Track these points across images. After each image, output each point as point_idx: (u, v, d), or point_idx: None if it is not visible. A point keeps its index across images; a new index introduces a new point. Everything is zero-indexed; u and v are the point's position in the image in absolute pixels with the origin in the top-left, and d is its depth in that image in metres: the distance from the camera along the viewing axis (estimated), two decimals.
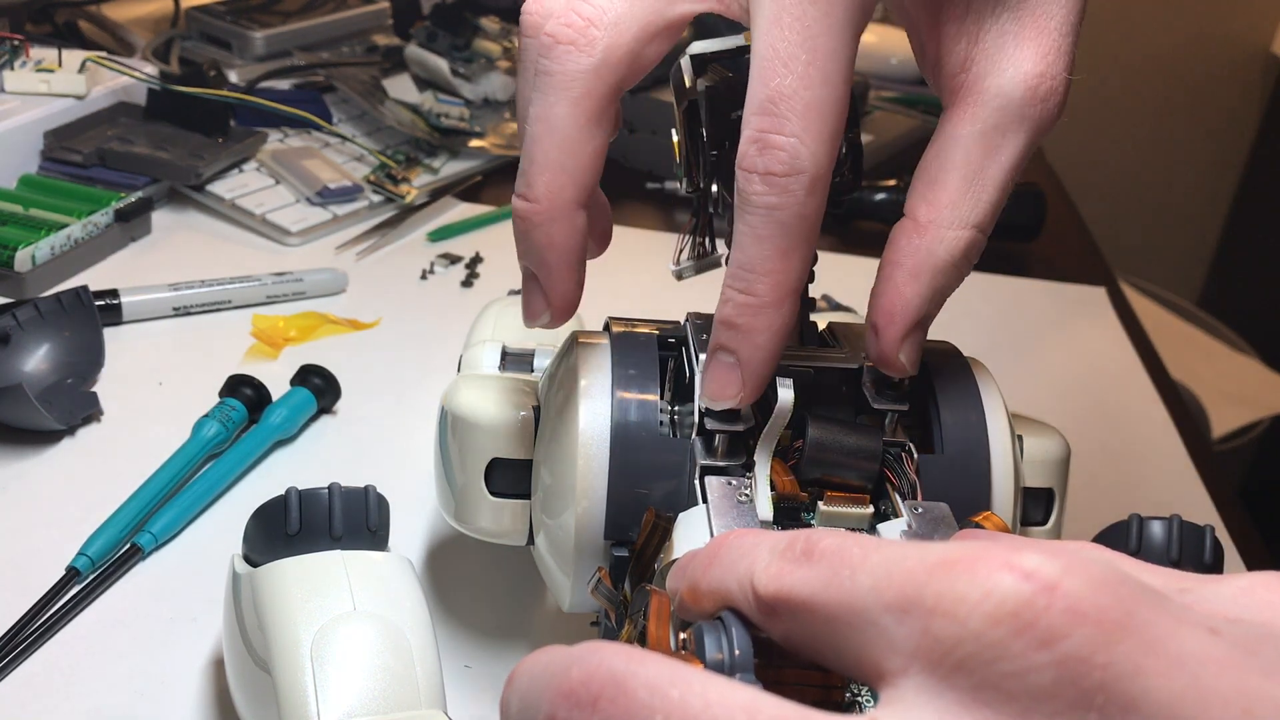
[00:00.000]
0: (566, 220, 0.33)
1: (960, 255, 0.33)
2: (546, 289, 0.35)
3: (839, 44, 0.30)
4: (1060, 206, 0.94)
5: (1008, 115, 0.33)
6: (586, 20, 0.32)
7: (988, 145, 0.33)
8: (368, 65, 0.91)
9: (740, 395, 0.33)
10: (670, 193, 0.85)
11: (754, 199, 0.30)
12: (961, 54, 0.33)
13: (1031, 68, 0.32)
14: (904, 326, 0.34)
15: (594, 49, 0.32)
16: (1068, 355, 0.73)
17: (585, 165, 0.33)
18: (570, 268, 0.34)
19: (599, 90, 0.33)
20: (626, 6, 0.33)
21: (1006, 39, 0.33)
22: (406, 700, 0.33)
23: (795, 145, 0.30)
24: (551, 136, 0.33)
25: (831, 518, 0.34)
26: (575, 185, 0.33)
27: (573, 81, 0.32)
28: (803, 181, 0.30)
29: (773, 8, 0.30)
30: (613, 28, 0.32)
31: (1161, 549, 0.39)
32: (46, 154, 0.73)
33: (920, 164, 0.34)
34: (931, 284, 0.33)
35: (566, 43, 0.32)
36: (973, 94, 0.33)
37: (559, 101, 0.33)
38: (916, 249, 0.33)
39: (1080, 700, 0.18)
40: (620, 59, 0.33)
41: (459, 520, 0.40)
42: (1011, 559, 0.19)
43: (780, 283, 0.31)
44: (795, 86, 0.30)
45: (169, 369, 0.60)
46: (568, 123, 0.33)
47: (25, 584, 0.44)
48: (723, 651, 0.25)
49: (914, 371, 0.35)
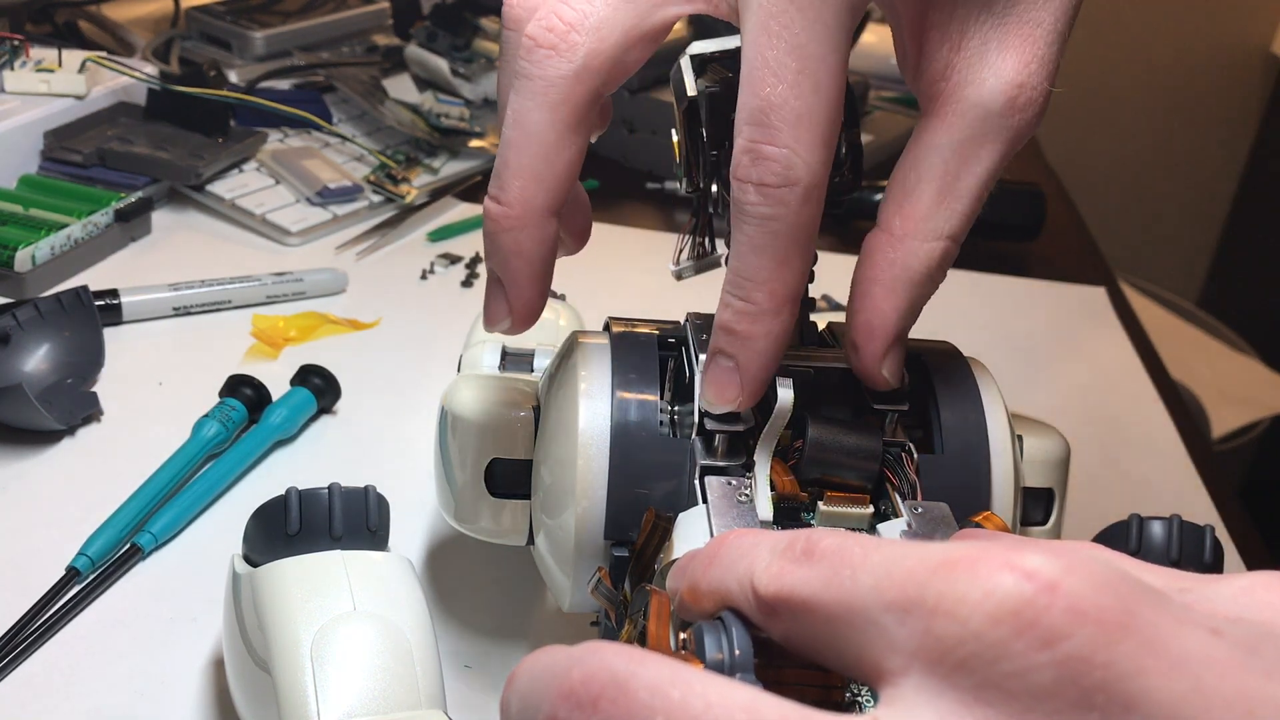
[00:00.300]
0: (536, 228, 0.33)
1: (935, 266, 0.33)
2: (510, 295, 0.34)
3: (828, 49, 0.30)
4: (1060, 206, 0.94)
5: (985, 126, 0.32)
6: (568, 25, 0.32)
7: (964, 156, 0.33)
8: (368, 65, 0.91)
9: (739, 400, 0.33)
10: (670, 193, 0.85)
11: (748, 209, 0.30)
12: (943, 60, 0.33)
13: (1012, 77, 0.32)
14: (885, 342, 0.34)
15: (575, 54, 0.32)
16: (1067, 355, 0.73)
17: (560, 173, 0.33)
18: (535, 276, 0.34)
19: (578, 96, 0.32)
20: (610, 11, 0.32)
21: (989, 47, 0.32)
22: (406, 700, 0.33)
23: (788, 155, 0.29)
24: (527, 142, 0.32)
25: (831, 518, 0.34)
26: (547, 193, 0.33)
27: (551, 87, 0.32)
28: (797, 192, 0.30)
29: (759, 15, 0.30)
30: (595, 32, 0.32)
31: (1161, 549, 0.39)
32: (46, 154, 0.73)
33: (895, 172, 0.34)
34: (908, 297, 0.33)
35: (547, 47, 0.32)
36: (952, 102, 0.33)
37: (536, 107, 0.32)
38: (892, 262, 0.33)
39: (1081, 700, 0.18)
40: (601, 65, 0.32)
41: (459, 520, 0.40)
42: (1012, 559, 0.19)
43: (777, 291, 0.31)
44: (786, 95, 0.29)
45: (169, 369, 0.60)
46: (544, 129, 0.32)
47: (25, 584, 0.44)
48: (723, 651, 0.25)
49: (896, 384, 0.35)
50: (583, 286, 0.68)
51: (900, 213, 0.33)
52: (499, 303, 0.35)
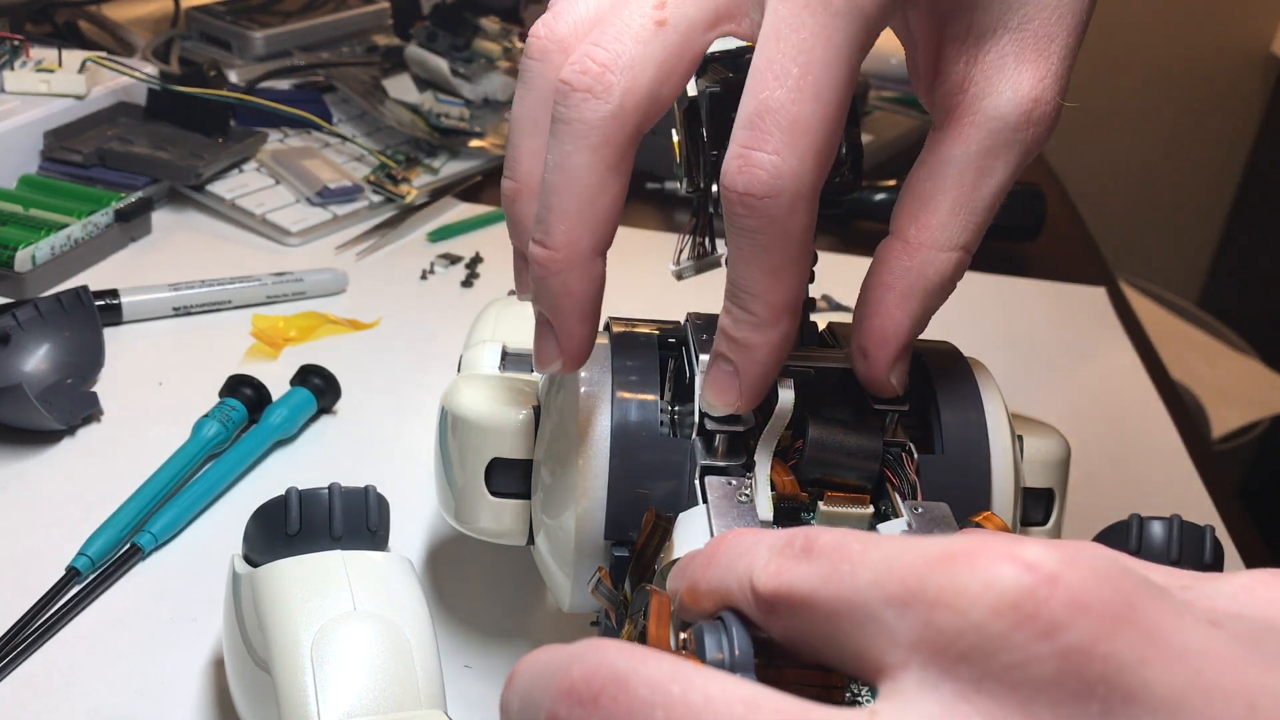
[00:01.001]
0: (584, 269, 0.33)
1: (949, 277, 0.34)
2: (560, 336, 0.34)
3: (835, 59, 0.29)
4: (1060, 206, 0.94)
5: (1001, 138, 0.33)
6: (602, 65, 0.31)
7: (981, 168, 0.33)
8: (368, 65, 0.91)
9: (738, 404, 0.33)
10: (670, 193, 0.85)
11: (736, 221, 0.30)
12: (960, 74, 0.33)
13: (1028, 91, 0.33)
14: (895, 350, 0.34)
15: (611, 95, 0.31)
16: (1068, 355, 0.73)
17: (604, 214, 0.32)
18: (585, 316, 0.34)
19: (618, 137, 0.32)
20: (641, 48, 0.31)
21: (1006, 61, 0.33)
22: (406, 700, 0.33)
23: (776, 164, 0.29)
24: (570, 186, 0.32)
25: (832, 518, 0.34)
26: (593, 234, 0.32)
27: (591, 130, 0.31)
28: (782, 203, 0.29)
29: (773, 21, 0.30)
30: (628, 71, 0.31)
31: (1161, 549, 0.39)
32: (46, 154, 0.73)
33: (909, 182, 0.34)
34: (921, 306, 0.34)
35: (583, 90, 0.31)
36: (969, 115, 0.33)
37: (577, 150, 0.32)
38: (907, 270, 0.34)
39: (1082, 691, 0.18)
40: (638, 103, 0.32)
41: (459, 520, 0.40)
42: (1013, 551, 0.19)
43: (773, 302, 0.31)
44: (784, 100, 0.29)
45: (169, 369, 0.60)
46: (586, 172, 0.32)
47: (25, 584, 0.44)
48: (723, 651, 0.25)
49: (902, 391, 0.35)
50: None
51: (916, 222, 0.34)
52: (549, 344, 0.34)
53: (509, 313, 0.50)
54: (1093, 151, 1.85)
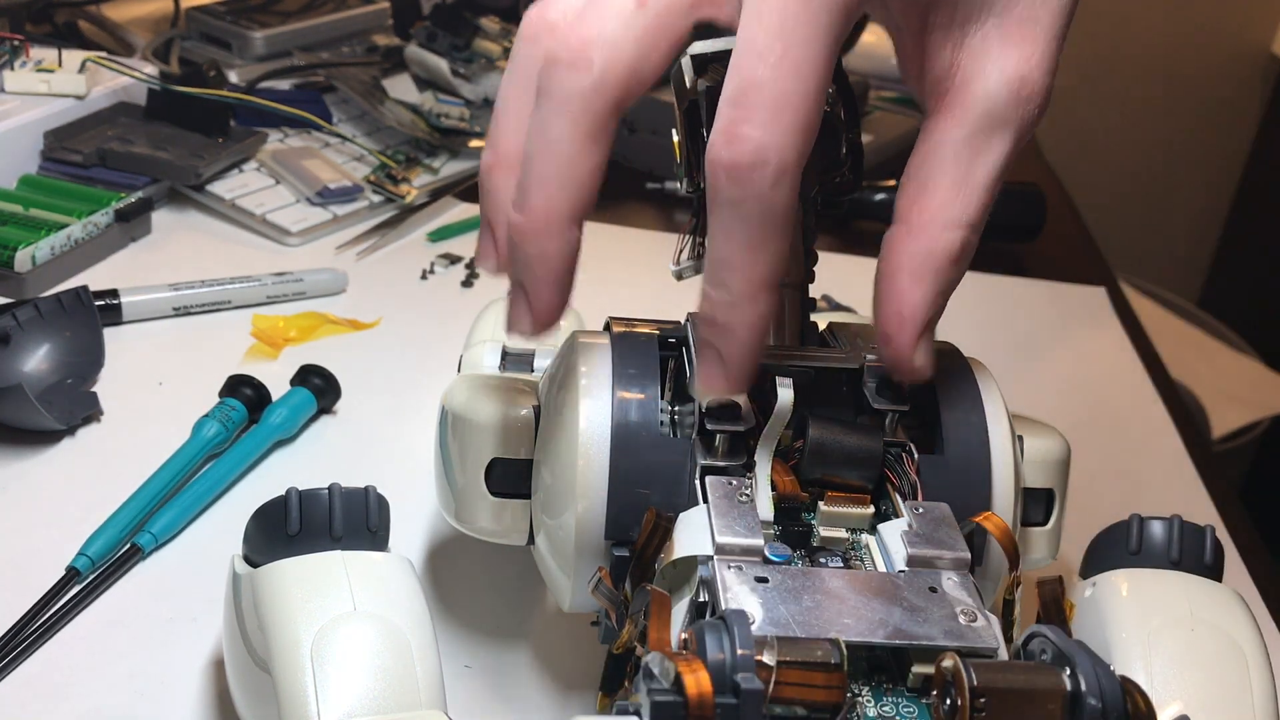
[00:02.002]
0: (559, 236, 0.34)
1: (958, 253, 0.34)
2: (530, 299, 0.35)
3: (815, 36, 0.30)
4: (1060, 206, 0.94)
5: (993, 118, 0.33)
6: (583, 40, 0.32)
7: (976, 148, 0.33)
8: (368, 65, 0.91)
9: (726, 389, 0.33)
10: (670, 193, 0.85)
11: (719, 194, 0.31)
12: (947, 59, 0.34)
13: (1015, 70, 0.33)
14: (916, 329, 0.34)
15: (591, 68, 0.32)
16: (1068, 355, 0.73)
17: (582, 182, 0.33)
18: (556, 282, 0.34)
19: (598, 107, 0.33)
20: (623, 25, 0.33)
21: (991, 43, 0.33)
22: (406, 700, 0.33)
23: (761, 136, 0.30)
24: (550, 154, 0.33)
25: (832, 517, 0.34)
26: (570, 202, 0.33)
27: (570, 99, 0.32)
28: (766, 174, 0.30)
29: (754, 2, 0.30)
30: (610, 46, 0.32)
31: (1161, 549, 0.39)
32: (46, 154, 0.73)
33: (907, 169, 0.34)
34: (935, 283, 0.34)
35: (565, 64, 0.33)
36: (959, 98, 0.34)
37: (558, 119, 0.33)
38: (915, 252, 0.34)
39: None
40: (618, 77, 0.33)
41: (459, 520, 0.40)
42: None
43: (751, 278, 0.31)
44: (767, 77, 0.30)
45: (169, 369, 0.60)
46: (566, 140, 0.33)
47: (25, 584, 0.44)
48: (723, 651, 0.25)
49: (929, 374, 0.35)
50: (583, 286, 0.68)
51: (917, 205, 0.34)
52: (521, 308, 0.35)
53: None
54: (1093, 151, 1.85)
